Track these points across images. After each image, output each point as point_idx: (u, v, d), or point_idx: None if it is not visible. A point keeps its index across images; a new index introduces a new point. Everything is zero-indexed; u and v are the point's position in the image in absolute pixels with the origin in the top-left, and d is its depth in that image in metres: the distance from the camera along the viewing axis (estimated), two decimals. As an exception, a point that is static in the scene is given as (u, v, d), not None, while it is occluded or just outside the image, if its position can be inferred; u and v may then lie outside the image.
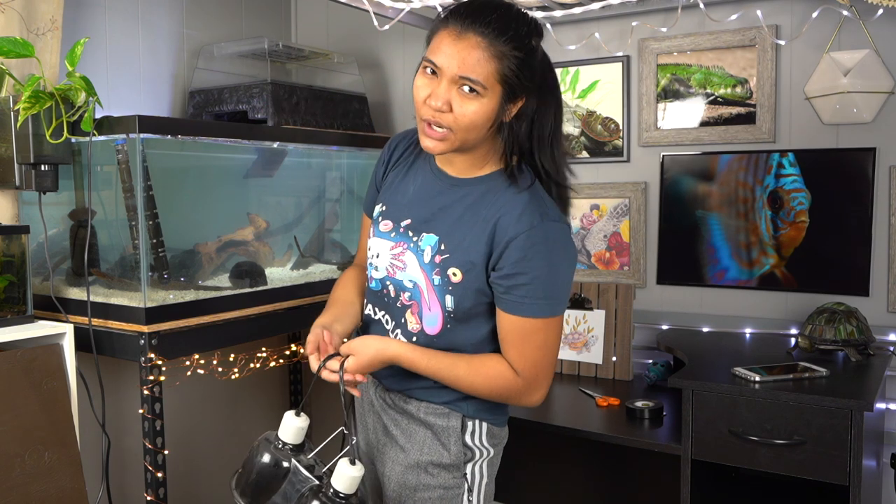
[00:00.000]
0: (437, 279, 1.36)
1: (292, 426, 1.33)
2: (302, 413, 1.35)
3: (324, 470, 1.32)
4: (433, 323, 1.39)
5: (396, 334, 1.44)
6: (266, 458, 1.32)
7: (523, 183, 1.35)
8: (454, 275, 1.35)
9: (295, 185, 2.56)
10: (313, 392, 1.41)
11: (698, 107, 2.45)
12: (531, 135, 1.36)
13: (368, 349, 1.36)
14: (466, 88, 1.26)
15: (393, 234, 1.43)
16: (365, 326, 1.52)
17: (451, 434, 1.42)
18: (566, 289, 1.37)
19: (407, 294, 1.41)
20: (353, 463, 1.27)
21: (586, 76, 2.62)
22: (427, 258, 1.38)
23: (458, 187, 1.40)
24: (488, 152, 1.39)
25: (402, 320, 1.43)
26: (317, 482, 1.29)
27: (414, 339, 1.42)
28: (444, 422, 1.42)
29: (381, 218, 1.48)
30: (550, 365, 1.38)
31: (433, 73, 1.29)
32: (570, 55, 2.61)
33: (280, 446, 1.33)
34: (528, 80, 1.30)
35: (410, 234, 1.41)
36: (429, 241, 1.38)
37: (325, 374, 1.37)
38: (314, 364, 1.38)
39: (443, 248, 1.37)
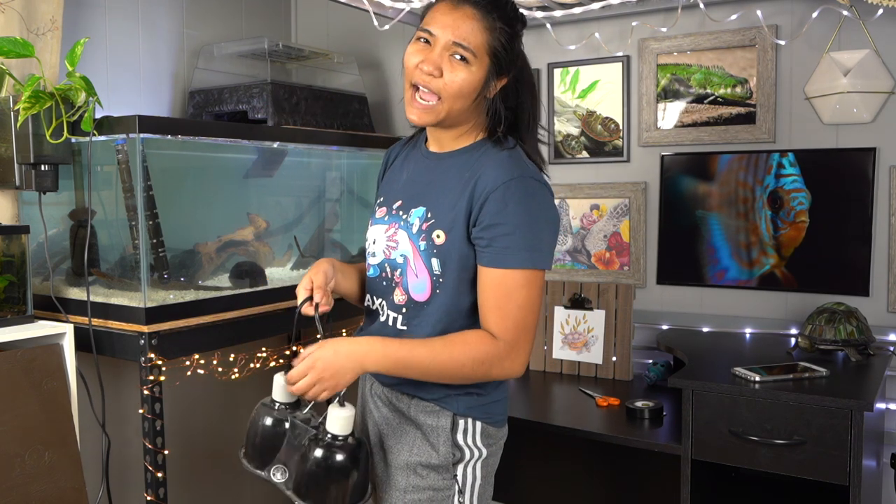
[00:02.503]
0: (422, 245, 1.39)
1: (284, 385, 1.38)
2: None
3: (319, 420, 1.37)
4: (422, 289, 1.40)
5: (387, 314, 1.45)
6: (266, 420, 1.38)
7: (506, 145, 1.40)
8: (438, 237, 1.38)
9: (295, 185, 2.56)
10: (306, 345, 1.43)
11: (698, 107, 2.45)
12: (516, 119, 1.43)
13: (338, 357, 1.32)
14: (458, 56, 1.34)
15: (386, 218, 1.47)
16: (366, 316, 1.55)
17: (440, 434, 1.40)
18: (548, 243, 1.37)
19: (398, 270, 1.43)
20: (342, 405, 1.34)
21: (586, 76, 2.62)
22: (416, 229, 1.41)
23: (444, 160, 1.45)
24: (473, 127, 1.44)
25: (391, 298, 1.45)
26: (314, 431, 1.35)
27: (403, 309, 1.42)
28: (433, 421, 1.41)
29: (377, 208, 1.53)
30: (531, 328, 1.36)
31: (426, 42, 1.36)
32: (570, 55, 2.61)
33: (276, 407, 1.40)
34: (513, 58, 1.38)
35: (401, 213, 1.45)
36: (417, 213, 1.42)
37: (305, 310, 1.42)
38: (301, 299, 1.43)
39: (429, 216, 1.40)
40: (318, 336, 1.37)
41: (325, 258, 1.53)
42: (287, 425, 1.37)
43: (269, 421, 1.38)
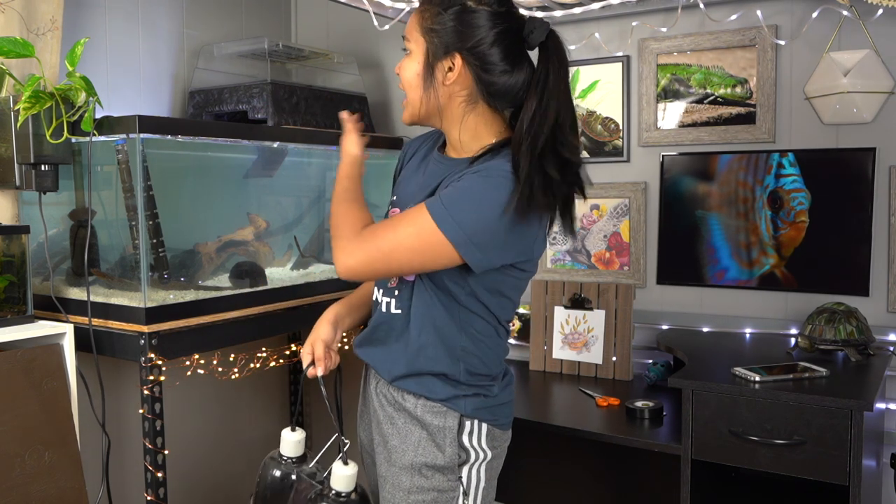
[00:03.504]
0: None
1: (290, 441, 1.50)
2: (297, 428, 1.51)
3: (325, 475, 1.46)
4: None
5: (383, 301, 1.48)
6: (274, 473, 1.49)
7: (502, 156, 1.35)
8: None
9: (295, 185, 2.56)
10: (312, 399, 1.49)
11: (698, 107, 2.45)
12: (530, 126, 1.33)
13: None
14: (404, 51, 1.41)
15: None
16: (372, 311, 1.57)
17: (446, 435, 1.40)
18: (472, 217, 1.29)
19: None
20: (345, 463, 1.43)
21: (586, 76, 2.62)
22: None
23: (454, 165, 1.44)
24: (479, 132, 1.41)
25: (386, 284, 1.48)
26: (319, 486, 1.44)
27: (396, 292, 1.45)
28: (440, 421, 1.41)
29: (390, 207, 1.53)
30: (379, 250, 1.32)
31: (404, 50, 1.43)
32: (571, 55, 2.60)
33: (284, 461, 1.50)
34: (456, 30, 1.34)
35: None
36: None
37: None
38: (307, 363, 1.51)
39: None
40: (328, 405, 1.49)
41: (331, 309, 1.57)
42: (293, 478, 1.47)
43: (277, 473, 1.49)
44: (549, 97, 1.34)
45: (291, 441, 1.50)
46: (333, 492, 1.41)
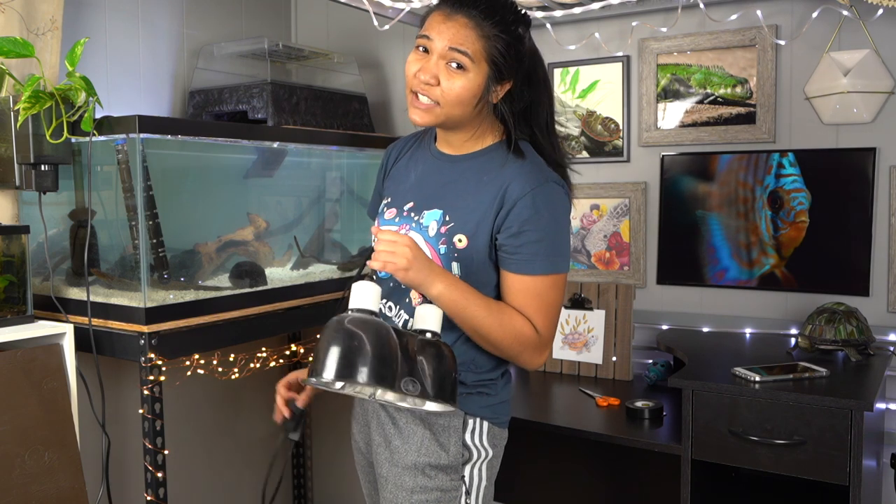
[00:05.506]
0: (443, 248, 1.39)
1: (372, 291, 1.25)
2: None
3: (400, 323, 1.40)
4: None
5: (401, 316, 1.45)
6: (384, 332, 1.22)
7: (527, 153, 1.42)
8: (459, 241, 1.38)
9: (295, 185, 2.56)
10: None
11: (698, 107, 2.45)
12: (528, 121, 1.43)
13: (419, 257, 1.29)
14: (454, 65, 1.34)
15: (397, 219, 1.47)
16: None
17: (451, 433, 1.41)
18: (569, 246, 1.43)
19: None
20: (426, 301, 1.33)
21: (586, 76, 2.62)
22: (432, 232, 1.41)
23: (458, 163, 1.45)
24: (485, 130, 1.44)
25: (406, 300, 1.45)
26: (421, 334, 1.28)
27: (412, 305, 1.44)
28: (445, 420, 1.41)
29: (385, 208, 1.52)
30: (557, 325, 1.43)
31: (425, 50, 1.37)
32: (570, 55, 2.61)
33: (380, 315, 1.27)
34: (515, 62, 1.38)
35: (413, 214, 1.45)
36: (432, 216, 1.41)
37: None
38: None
39: (447, 219, 1.40)
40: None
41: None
42: (395, 334, 1.25)
43: (385, 332, 1.21)
44: (546, 94, 1.46)
45: (374, 291, 1.25)
46: (429, 333, 1.27)
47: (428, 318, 1.29)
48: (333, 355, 1.18)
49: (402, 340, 1.25)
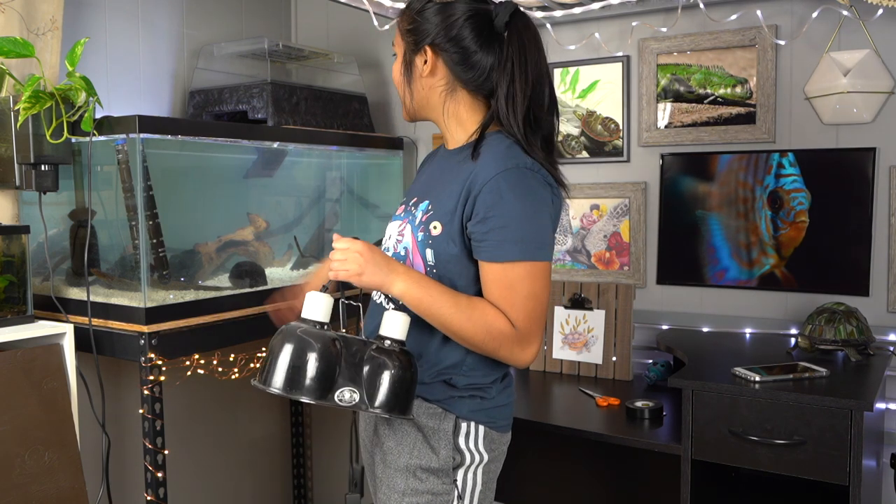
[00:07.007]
0: (420, 235, 1.41)
1: (323, 302, 1.30)
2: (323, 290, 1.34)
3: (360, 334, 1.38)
4: None
5: (387, 306, 1.46)
6: (320, 342, 1.27)
7: (502, 141, 1.39)
8: (434, 228, 1.39)
9: (295, 185, 2.56)
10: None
11: (698, 107, 2.45)
12: (507, 102, 1.39)
13: (372, 261, 1.32)
14: (394, 56, 1.50)
15: (402, 214, 1.50)
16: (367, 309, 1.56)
17: (441, 437, 1.40)
18: (544, 233, 1.35)
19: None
20: (398, 309, 1.35)
21: (586, 76, 2.62)
22: (417, 221, 1.43)
23: (451, 156, 1.48)
24: (466, 121, 1.46)
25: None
26: (373, 343, 1.31)
27: (401, 301, 1.43)
28: (435, 423, 1.40)
29: (399, 206, 1.56)
30: (541, 317, 1.36)
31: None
32: (570, 55, 2.61)
33: (324, 327, 1.30)
34: (424, 27, 1.43)
35: (412, 208, 1.47)
36: (422, 207, 1.44)
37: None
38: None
39: (430, 208, 1.42)
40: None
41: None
42: (339, 344, 1.28)
43: (323, 341, 1.26)
44: (518, 73, 1.39)
45: (325, 302, 1.29)
46: (388, 341, 1.28)
47: (390, 325, 1.31)
48: (281, 369, 1.27)
49: (352, 349, 1.29)
